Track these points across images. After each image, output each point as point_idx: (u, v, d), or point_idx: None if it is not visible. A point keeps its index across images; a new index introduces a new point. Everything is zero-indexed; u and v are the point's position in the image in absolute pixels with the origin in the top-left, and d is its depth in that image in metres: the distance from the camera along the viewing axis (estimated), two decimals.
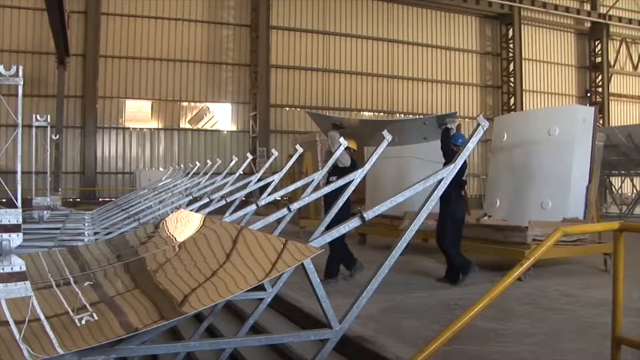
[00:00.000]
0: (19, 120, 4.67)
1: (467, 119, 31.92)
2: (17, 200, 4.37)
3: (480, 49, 33.86)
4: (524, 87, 33.67)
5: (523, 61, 33.69)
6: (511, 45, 33.43)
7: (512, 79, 33.34)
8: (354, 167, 8.48)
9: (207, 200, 8.27)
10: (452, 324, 3.48)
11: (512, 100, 33.17)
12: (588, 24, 36.35)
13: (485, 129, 3.63)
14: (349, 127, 9.73)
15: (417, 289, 8.00)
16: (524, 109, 32.18)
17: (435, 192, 3.48)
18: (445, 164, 8.92)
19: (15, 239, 4.22)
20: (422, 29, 32.23)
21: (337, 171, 8.33)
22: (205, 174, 11.88)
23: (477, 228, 9.94)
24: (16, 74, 4.59)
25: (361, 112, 30.69)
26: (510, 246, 9.04)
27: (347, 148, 8.36)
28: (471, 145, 3.59)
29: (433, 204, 3.47)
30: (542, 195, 10.66)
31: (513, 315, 6.37)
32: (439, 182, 3.51)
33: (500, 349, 5.07)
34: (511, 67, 33.42)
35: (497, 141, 12.09)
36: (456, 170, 3.57)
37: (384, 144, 5.46)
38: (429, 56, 32.41)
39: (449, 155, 8.86)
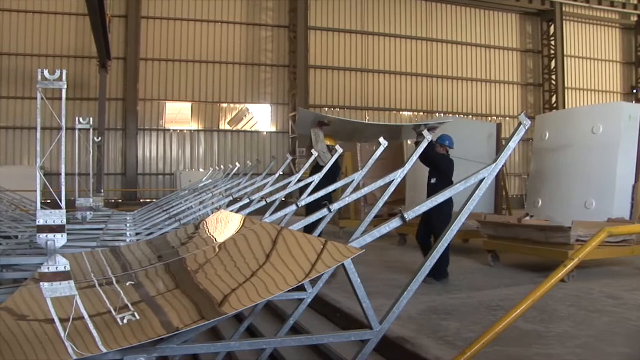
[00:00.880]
0: (63, 123, 4.75)
1: (507, 118, 31.57)
2: (61, 201, 4.45)
3: (520, 46, 33.35)
4: (566, 85, 33.04)
5: (565, 58, 33.06)
6: (552, 42, 32.80)
7: (553, 77, 32.75)
8: (335, 165, 8.43)
9: (247, 200, 8.31)
10: (494, 325, 3.44)
11: (553, 98, 32.58)
12: (634, 18, 35.49)
13: (526, 127, 3.56)
14: (334, 125, 9.68)
15: (457, 290, 7.94)
16: (566, 107, 31.61)
17: (477, 191, 3.43)
18: (431, 169, 8.92)
19: (60, 239, 4.30)
20: (462, 27, 31.89)
21: (318, 170, 8.24)
22: (245, 174, 11.93)
23: (519, 228, 9.80)
24: (60, 78, 4.67)
25: (400, 112, 30.56)
26: (553, 247, 8.89)
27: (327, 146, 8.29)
28: (513, 144, 3.52)
29: (474, 204, 3.42)
30: (586, 195, 10.49)
31: (556, 317, 6.26)
32: (480, 181, 3.46)
33: (542, 351, 4.99)
34: (553, 64, 32.82)
35: (539, 140, 11.95)
36: (498, 170, 3.51)
37: (424, 144, 5.42)
38: (469, 55, 32.08)
39: (437, 158, 8.80)
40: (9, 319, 3.23)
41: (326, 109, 29.09)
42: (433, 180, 8.85)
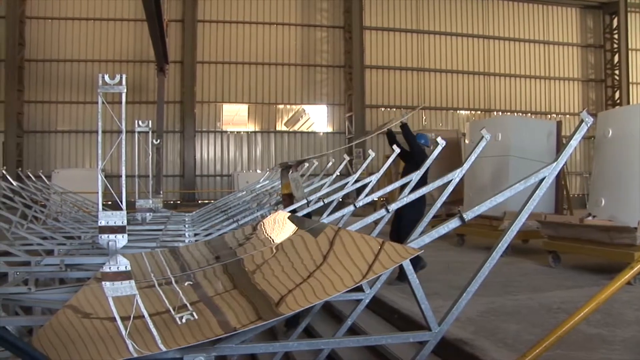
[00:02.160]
0: (123, 126, 4.84)
1: (568, 115, 30.83)
2: (122, 203, 4.53)
3: (581, 41, 32.42)
4: (630, 80, 31.90)
5: (629, 52, 31.97)
6: (616, 36, 31.73)
7: (617, 72, 31.66)
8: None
9: (304, 201, 8.32)
10: (556, 328, 3.36)
11: (617, 94, 31.54)
12: None
13: (589, 125, 3.46)
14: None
15: (516, 292, 7.79)
16: (631, 102, 30.63)
17: (537, 191, 3.35)
18: (407, 165, 8.77)
19: (121, 239, 4.38)
20: (519, 23, 31.24)
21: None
22: (303, 175, 11.95)
23: (581, 228, 9.56)
24: (120, 83, 4.76)
25: (457, 111, 30.18)
26: (618, 248, 8.64)
27: (289, 195, 8.11)
28: (574, 142, 3.43)
29: (535, 204, 3.34)
30: None
31: (622, 321, 6.06)
32: (541, 181, 3.37)
33: (607, 356, 4.84)
34: (616, 59, 31.74)
35: (602, 138, 11.60)
36: (559, 169, 3.42)
37: (483, 143, 5.32)
38: (527, 52, 31.38)
39: (418, 153, 8.66)
40: (73, 317, 3.31)
41: (382, 109, 28.97)
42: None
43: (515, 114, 29.45)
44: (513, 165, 12.49)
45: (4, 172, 12.04)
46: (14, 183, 11.47)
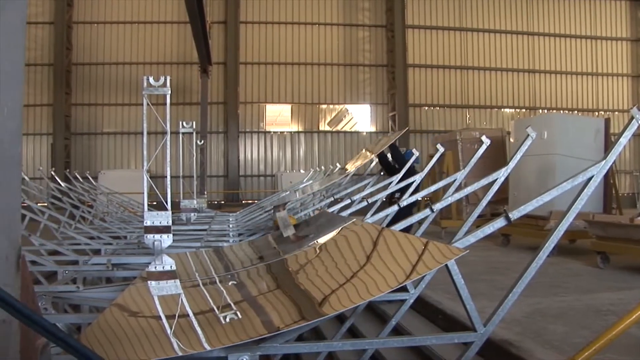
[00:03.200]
0: (168, 128, 4.89)
1: (617, 112, 30.10)
2: (167, 203, 4.57)
3: (631, 35, 31.56)
4: None
5: None
6: None
7: None
8: None
9: (348, 201, 8.30)
10: (607, 331, 3.28)
11: None
12: None
13: (639, 122, 3.37)
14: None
15: (563, 293, 7.65)
16: None
17: (585, 190, 3.27)
18: (393, 172, 8.77)
19: (166, 239, 4.42)
20: (565, 19, 30.61)
21: None
22: (346, 175, 11.91)
23: (631, 228, 9.34)
24: (164, 85, 4.80)
25: (502, 109, 29.79)
26: None
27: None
28: (624, 140, 3.33)
29: (582, 203, 3.26)
30: None
31: None
32: (589, 180, 3.29)
33: None
34: None
35: None
36: (607, 167, 3.34)
37: (528, 142, 5.23)
38: (574, 47, 30.74)
39: (402, 161, 8.81)
40: (119, 315, 3.36)
41: (425, 108, 28.78)
42: (398, 195, 8.79)
43: (562, 111, 28.99)
44: (559, 163, 12.29)
45: (52, 173, 12.28)
46: (62, 184, 11.71)
